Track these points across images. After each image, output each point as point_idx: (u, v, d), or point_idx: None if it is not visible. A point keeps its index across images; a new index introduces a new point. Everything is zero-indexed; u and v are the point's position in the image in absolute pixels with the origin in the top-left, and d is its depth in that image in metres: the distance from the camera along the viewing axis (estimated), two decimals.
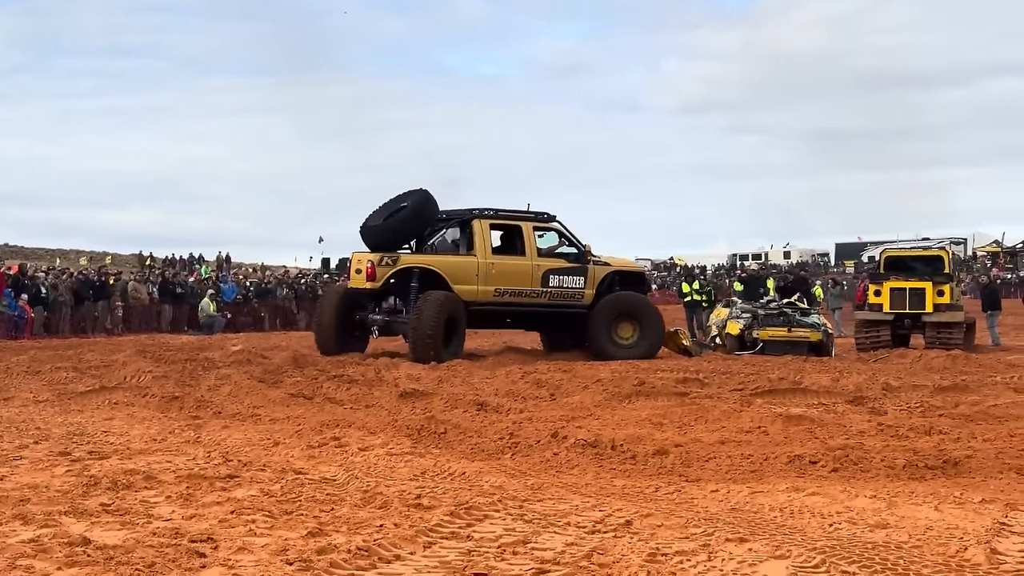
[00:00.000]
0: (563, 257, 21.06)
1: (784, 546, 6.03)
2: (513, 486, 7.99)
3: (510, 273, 20.52)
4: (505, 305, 20.71)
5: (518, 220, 20.91)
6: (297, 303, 37.57)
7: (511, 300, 20.65)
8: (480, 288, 20.26)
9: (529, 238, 20.75)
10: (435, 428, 10.83)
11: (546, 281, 20.64)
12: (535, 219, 21.09)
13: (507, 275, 20.48)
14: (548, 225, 21.26)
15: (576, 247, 21.17)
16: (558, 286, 20.74)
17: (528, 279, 20.57)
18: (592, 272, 21.01)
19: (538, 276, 20.62)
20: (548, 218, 21.27)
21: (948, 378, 15.34)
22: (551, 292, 20.73)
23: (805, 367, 17.27)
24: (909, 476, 8.39)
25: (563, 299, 20.89)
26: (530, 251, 20.73)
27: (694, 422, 11.17)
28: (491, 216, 20.82)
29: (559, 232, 21.33)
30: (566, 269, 20.83)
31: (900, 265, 24.71)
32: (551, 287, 20.70)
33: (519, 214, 21.05)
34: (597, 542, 6.14)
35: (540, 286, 20.64)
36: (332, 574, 5.42)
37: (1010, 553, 5.90)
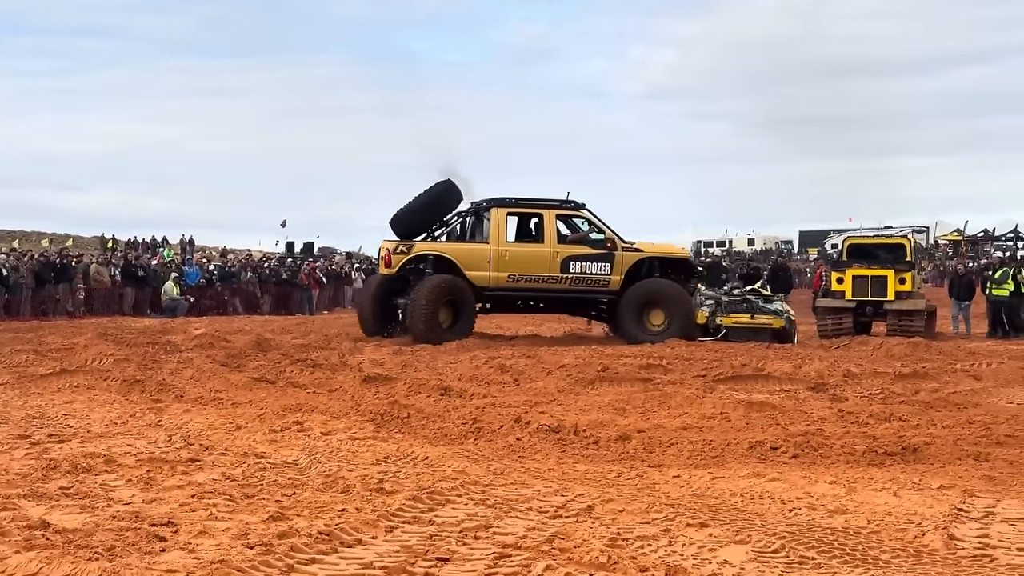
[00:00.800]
0: (589, 244, 21.36)
1: (744, 531, 6.07)
2: (476, 471, 8.00)
3: (526, 259, 21.13)
4: (520, 290, 21.35)
5: (540, 208, 21.47)
6: (261, 287, 37.39)
7: (526, 286, 21.25)
8: (492, 274, 21.00)
9: (549, 225, 21.29)
10: (398, 413, 10.82)
11: (566, 267, 21.13)
12: (560, 207, 21.58)
13: (522, 261, 21.11)
14: (574, 213, 21.71)
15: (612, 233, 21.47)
16: (579, 272, 21.18)
17: (546, 265, 21.11)
18: (620, 258, 21.30)
19: (557, 262, 21.12)
20: (575, 206, 21.72)
21: (909, 365, 15.45)
22: (572, 278, 21.18)
23: (768, 354, 17.34)
24: (869, 462, 8.46)
25: (586, 285, 21.33)
26: (549, 238, 21.24)
27: (657, 408, 11.21)
28: (510, 204, 21.48)
29: (587, 220, 21.68)
30: (589, 256, 21.23)
31: (863, 253, 24.85)
32: (572, 273, 21.16)
33: (542, 202, 21.60)
34: (559, 527, 6.16)
35: (559, 272, 21.13)
36: (293, 558, 5.40)
37: (967, 539, 5.96)
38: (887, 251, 24.90)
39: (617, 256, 21.28)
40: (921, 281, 25.95)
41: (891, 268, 23.34)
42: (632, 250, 21.51)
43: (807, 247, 77.48)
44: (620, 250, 21.33)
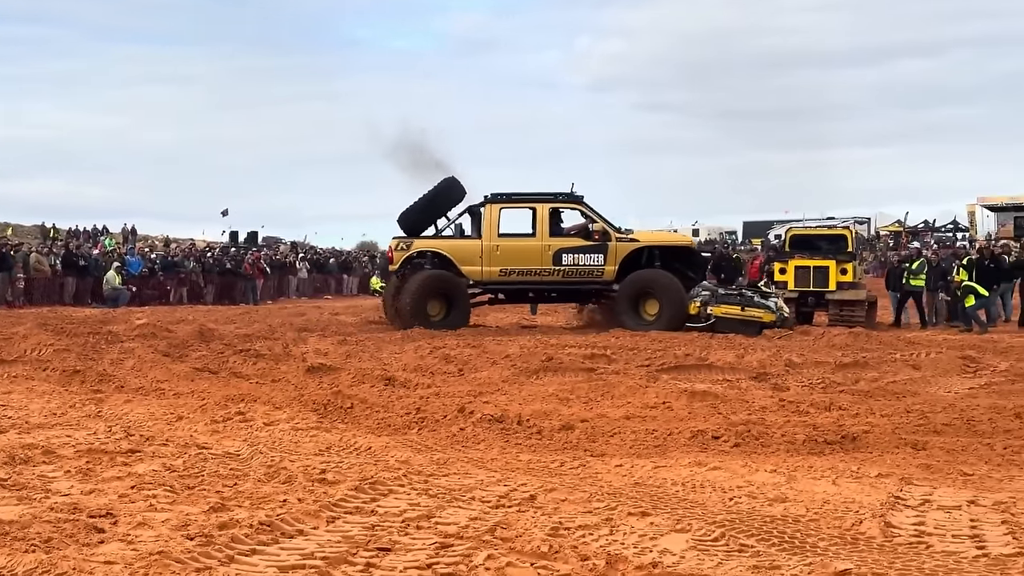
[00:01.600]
0: (581, 236, 21.77)
1: (685, 520, 6.11)
2: (419, 461, 7.99)
3: (518, 253, 21.78)
4: (513, 283, 22.10)
5: (533, 203, 22.02)
6: (204, 276, 37.08)
7: (519, 279, 21.93)
8: (485, 268, 21.80)
9: (542, 219, 21.77)
10: (342, 403, 10.79)
11: (559, 260, 21.66)
12: (554, 200, 22.01)
13: (514, 255, 21.77)
14: (569, 206, 22.15)
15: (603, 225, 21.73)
16: (572, 264, 21.67)
17: (538, 258, 21.70)
18: (613, 249, 21.62)
19: (549, 255, 21.67)
20: (571, 199, 22.12)
21: (849, 355, 15.59)
22: (565, 270, 21.68)
23: (711, 343, 17.44)
24: (809, 451, 8.54)
25: (580, 276, 21.78)
26: (541, 232, 21.76)
27: (600, 397, 11.26)
28: (503, 200, 22.08)
29: (582, 213, 22.05)
30: (582, 247, 21.69)
31: (805, 244, 25.02)
32: (564, 265, 21.67)
33: (536, 196, 22.11)
34: (501, 516, 6.17)
35: (552, 264, 21.68)
36: (233, 549, 5.38)
37: (904, 526, 6.04)
38: (829, 242, 25.07)
39: (611, 247, 21.61)
40: (862, 272, 26.21)
41: (833, 259, 23.54)
42: (627, 240, 21.82)
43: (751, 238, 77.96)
44: (614, 241, 21.65)
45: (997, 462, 8.13)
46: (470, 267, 21.81)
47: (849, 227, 25.78)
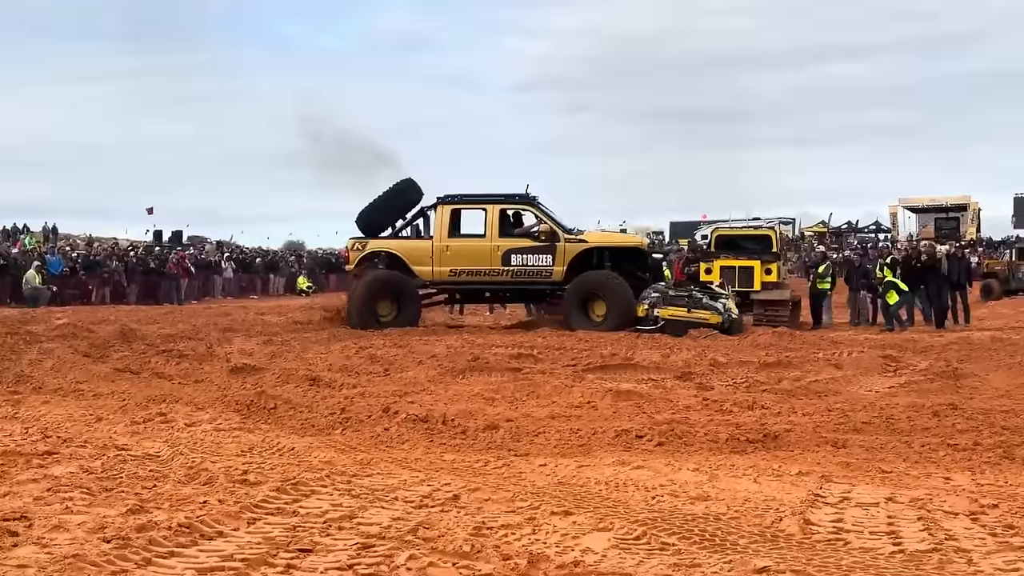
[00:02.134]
0: (530, 237, 21.88)
1: (607, 519, 6.14)
2: (342, 461, 7.96)
3: (468, 254, 21.94)
4: (464, 284, 22.31)
5: (484, 204, 22.18)
6: (128, 276, 36.61)
7: (469, 279, 22.09)
8: (436, 269, 21.97)
9: (492, 220, 21.91)
10: (265, 403, 10.72)
11: (507, 260, 21.79)
12: (504, 201, 22.19)
13: (464, 256, 21.93)
14: (519, 206, 22.30)
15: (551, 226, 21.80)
16: (522, 264, 21.78)
17: (487, 259, 21.85)
18: (562, 250, 21.71)
19: (498, 256, 21.80)
20: (521, 199, 22.30)
21: (773, 354, 15.74)
22: (514, 270, 21.82)
23: (638, 343, 17.54)
24: (731, 449, 8.63)
25: (529, 276, 21.87)
26: (491, 232, 21.91)
27: (526, 397, 11.29)
28: (453, 201, 22.31)
29: (534, 213, 22.14)
30: (531, 248, 21.79)
31: (731, 244, 25.25)
32: (513, 266, 21.79)
33: (487, 197, 22.27)
34: (424, 516, 6.15)
35: (501, 265, 21.82)
36: (151, 552, 5.31)
37: (823, 523, 6.11)
38: (754, 242, 25.32)
39: (559, 247, 21.70)
40: (787, 272, 26.51)
41: (758, 259, 23.79)
42: (576, 241, 21.90)
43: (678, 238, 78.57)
44: (562, 241, 21.73)
45: (915, 459, 8.27)
46: (421, 267, 21.99)
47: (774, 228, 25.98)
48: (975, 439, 8.91)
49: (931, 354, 15.80)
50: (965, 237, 66.08)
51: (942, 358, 15.07)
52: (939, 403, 10.48)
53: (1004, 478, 7.51)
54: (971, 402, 10.69)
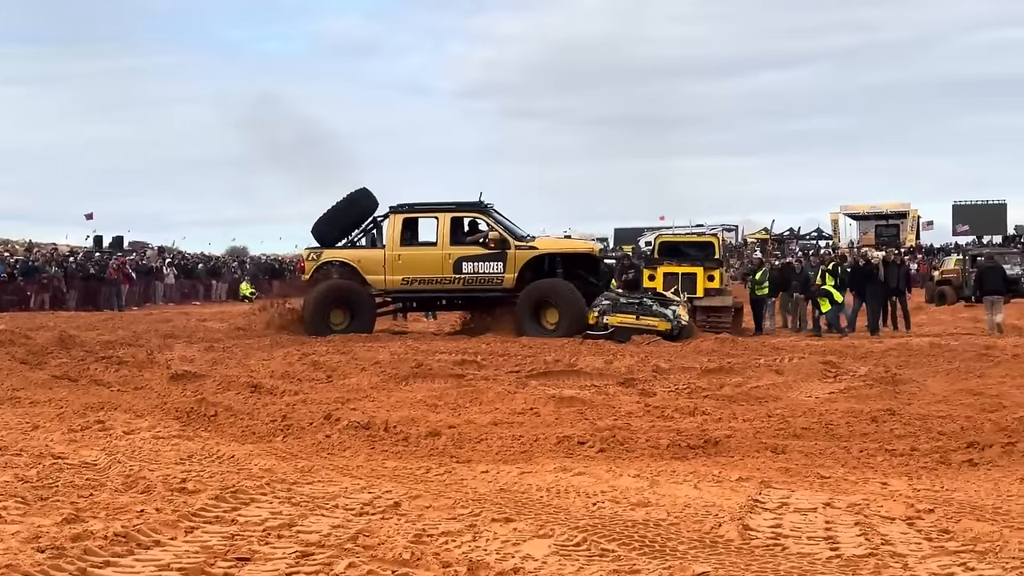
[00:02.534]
0: (482, 244, 21.87)
1: (548, 525, 6.14)
2: (283, 469, 7.91)
3: (418, 262, 22.02)
4: (416, 292, 22.41)
5: (435, 212, 22.30)
6: (67, 281, 36.17)
7: (421, 287, 22.21)
8: (388, 278, 22.09)
9: (443, 229, 22.02)
10: (205, 410, 10.63)
11: (459, 268, 21.86)
12: (455, 209, 22.27)
13: (415, 264, 22.03)
14: (471, 214, 22.37)
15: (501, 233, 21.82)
16: (473, 272, 21.84)
17: (439, 267, 21.91)
18: (512, 257, 21.73)
19: (449, 264, 21.88)
20: (472, 207, 22.37)
21: (715, 360, 15.84)
22: (465, 278, 21.89)
23: (581, 349, 17.59)
24: (672, 455, 8.66)
25: (479, 284, 21.92)
26: (442, 241, 21.99)
27: (469, 404, 11.27)
28: (405, 210, 22.41)
29: (484, 221, 22.18)
30: (481, 256, 21.83)
31: (674, 251, 25.40)
32: (464, 273, 21.86)
33: (437, 206, 22.43)
34: (364, 524, 6.13)
35: (453, 273, 21.89)
36: (86, 561, 5.24)
37: (761, 529, 6.16)
38: (697, 249, 25.50)
39: (510, 255, 21.73)
40: (729, 278, 26.67)
41: (700, 266, 23.94)
42: (526, 248, 21.93)
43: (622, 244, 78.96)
44: (513, 248, 21.74)
45: (853, 465, 8.35)
46: (374, 276, 22.08)
47: (717, 234, 26.24)
48: (912, 444, 9.01)
49: (870, 360, 15.96)
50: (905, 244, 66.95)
51: (881, 364, 15.25)
52: (877, 409, 10.58)
53: (940, 483, 7.60)
54: (909, 408, 10.80)
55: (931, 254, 64.78)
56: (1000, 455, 8.55)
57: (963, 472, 8.07)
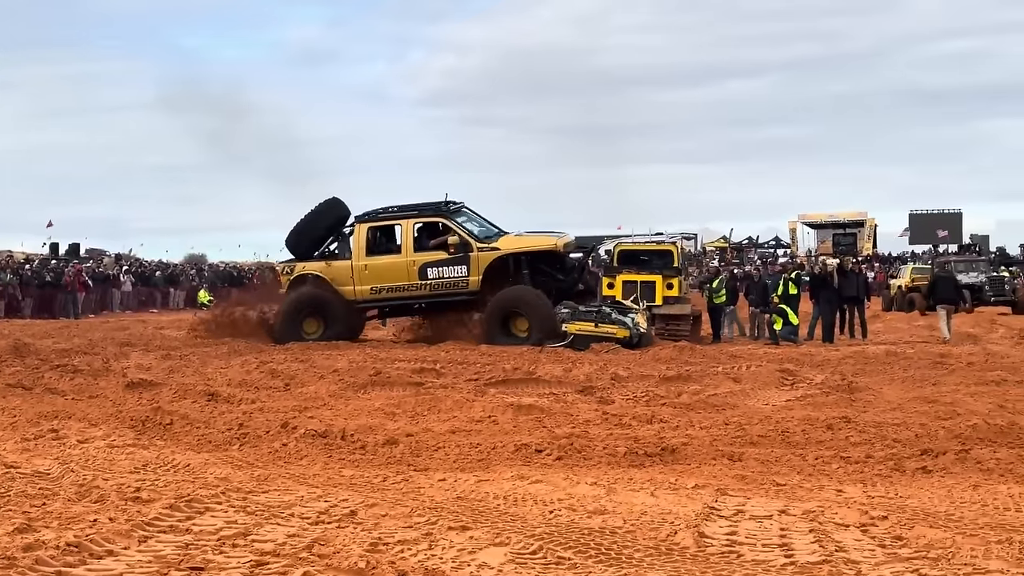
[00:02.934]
0: (445, 248, 21.66)
1: (504, 533, 6.14)
2: (239, 477, 7.88)
3: (385, 271, 21.83)
4: (386, 300, 22.37)
5: (397, 219, 22.20)
6: (22, 289, 35.80)
7: (390, 296, 22.10)
8: (357, 288, 21.90)
9: (406, 235, 21.92)
10: (161, 419, 10.56)
11: (424, 274, 21.67)
12: (418, 215, 22.13)
13: (383, 273, 21.84)
14: (432, 218, 22.15)
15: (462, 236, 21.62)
16: (438, 277, 21.64)
17: (405, 274, 21.71)
18: (475, 259, 21.52)
19: (415, 270, 21.67)
20: (434, 211, 22.17)
21: (674, 368, 15.89)
22: (431, 284, 21.68)
23: (540, 357, 17.60)
24: (629, 463, 8.69)
25: (446, 289, 21.70)
26: (406, 248, 21.88)
27: (427, 412, 11.26)
28: (369, 219, 22.27)
29: (446, 224, 21.95)
30: (445, 260, 21.60)
31: (632, 259, 25.43)
32: (431, 279, 21.66)
33: (401, 212, 22.26)
34: (320, 533, 6.11)
35: (419, 279, 21.69)
36: (37, 571, 5.20)
37: (716, 536, 6.18)
38: (656, 257, 25.52)
39: (473, 257, 21.52)
40: (688, 286, 26.75)
41: (659, 274, 23.98)
42: (489, 249, 21.67)
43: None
44: (475, 251, 21.52)
45: (808, 472, 8.41)
46: (345, 287, 21.90)
47: (676, 242, 26.22)
48: (867, 452, 9.08)
49: (827, 368, 16.08)
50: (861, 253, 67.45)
51: (838, 372, 15.35)
52: (833, 416, 10.65)
53: (894, 490, 7.67)
54: (864, 415, 10.88)
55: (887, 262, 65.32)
56: (953, 462, 8.63)
57: (917, 479, 8.15)
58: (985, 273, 38.11)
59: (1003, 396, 12.52)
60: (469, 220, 22.48)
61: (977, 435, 9.71)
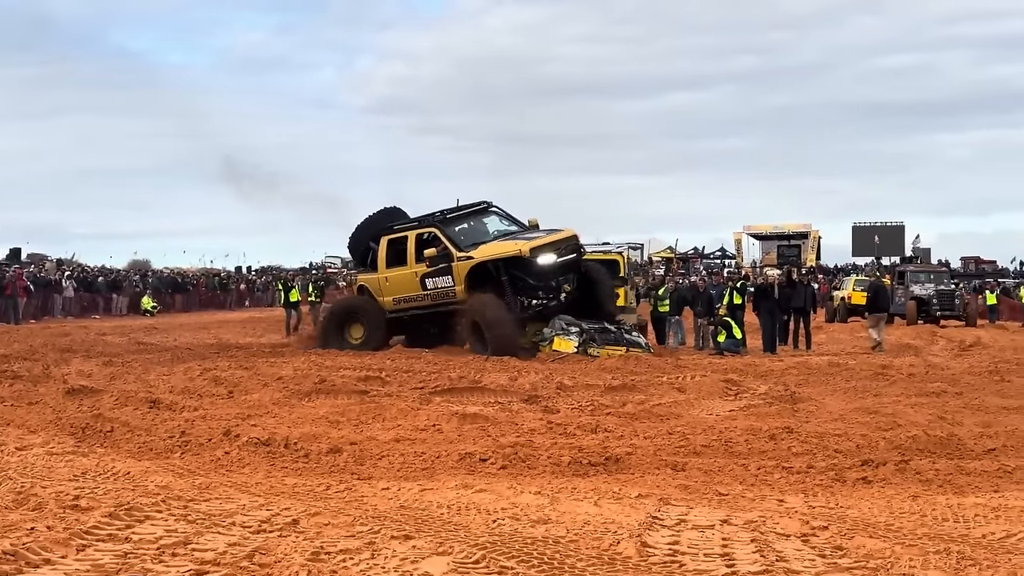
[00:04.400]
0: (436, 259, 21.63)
1: (447, 543, 6.13)
2: (180, 486, 7.81)
3: (399, 283, 22.16)
4: (405, 311, 22.35)
5: (406, 231, 22.39)
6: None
7: (407, 307, 22.24)
8: (385, 299, 22.38)
9: (411, 247, 21.98)
10: (102, 426, 10.46)
11: (424, 285, 21.79)
12: (419, 226, 22.28)
13: (398, 285, 22.19)
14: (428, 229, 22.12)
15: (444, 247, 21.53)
16: (434, 288, 21.73)
17: (412, 286, 21.96)
18: (457, 268, 21.41)
19: (417, 282, 21.87)
20: (429, 221, 22.27)
21: (619, 378, 15.92)
22: (431, 294, 21.84)
23: (486, 366, 17.58)
24: (573, 473, 8.70)
25: (442, 299, 21.71)
26: (411, 259, 21.96)
27: (371, 420, 11.22)
28: (390, 231, 22.59)
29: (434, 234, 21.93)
30: (436, 271, 21.61)
31: None
32: (429, 290, 21.78)
33: (408, 225, 22.58)
34: (261, 542, 6.06)
35: (421, 290, 21.91)
36: None
37: (659, 546, 6.20)
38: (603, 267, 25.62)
39: (455, 267, 21.44)
40: (634, 296, 26.87)
41: None
42: (466, 258, 21.47)
43: None
44: (456, 260, 21.41)
45: (751, 482, 8.46)
46: (380, 298, 22.37)
47: (622, 252, 26.33)
48: (809, 462, 9.15)
49: (771, 378, 16.18)
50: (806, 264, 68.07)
51: (781, 382, 15.45)
52: (776, 426, 10.73)
53: (835, 500, 7.73)
54: (806, 426, 10.97)
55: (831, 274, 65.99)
56: (893, 473, 8.72)
57: (857, 489, 8.22)
58: (935, 285, 37.76)
59: (943, 407, 12.67)
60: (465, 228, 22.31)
61: (917, 446, 9.83)
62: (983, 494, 7.97)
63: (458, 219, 22.43)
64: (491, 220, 22.77)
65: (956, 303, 36.79)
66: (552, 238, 21.74)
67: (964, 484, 8.40)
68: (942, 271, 43.55)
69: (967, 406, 12.91)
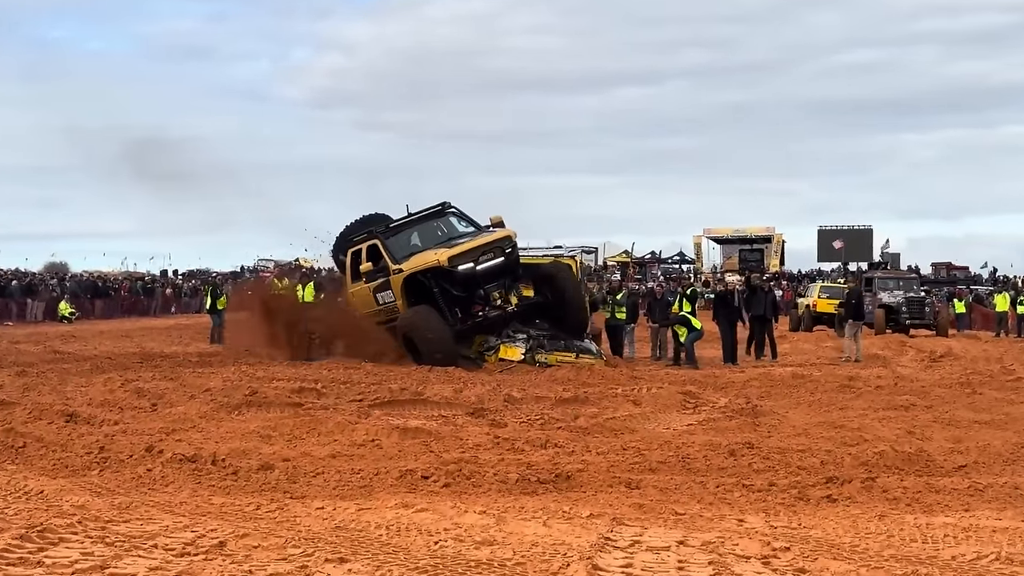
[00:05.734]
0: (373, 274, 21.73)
1: (386, 566, 6.11)
2: (97, 505, 7.73)
3: (361, 298, 22.24)
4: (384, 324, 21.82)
5: (359, 244, 22.34)
6: None
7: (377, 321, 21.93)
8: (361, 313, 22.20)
9: (361, 259, 21.90)
10: (13, 441, 10.36)
11: (377, 300, 21.79)
12: (367, 238, 22.15)
13: (360, 300, 22.29)
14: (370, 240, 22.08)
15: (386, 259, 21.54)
16: (384, 302, 21.73)
17: (370, 301, 22.00)
18: (392, 282, 21.43)
19: (372, 297, 21.94)
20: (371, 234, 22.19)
21: (571, 390, 15.94)
22: (383, 309, 21.76)
23: (429, 377, 17.56)
24: (521, 491, 8.71)
25: (391, 314, 21.60)
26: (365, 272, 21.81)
27: (306, 435, 11.18)
28: (349, 244, 22.71)
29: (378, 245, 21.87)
30: (378, 285, 21.67)
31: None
32: (381, 305, 21.75)
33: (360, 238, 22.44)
34: (185, 565, 6.01)
35: (376, 305, 21.92)
36: None
37: (611, 568, 6.21)
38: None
39: (392, 280, 21.45)
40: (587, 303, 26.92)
41: None
42: (397, 271, 21.38)
43: None
44: (392, 273, 21.37)
45: (709, 500, 8.50)
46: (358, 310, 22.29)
47: (575, 257, 26.43)
48: (770, 479, 9.22)
49: (731, 391, 16.29)
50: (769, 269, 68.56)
51: (742, 395, 15.55)
52: (736, 442, 10.80)
53: (798, 520, 7.79)
54: (768, 441, 11.05)
55: (796, 280, 66.49)
56: (859, 491, 8.80)
57: (821, 508, 8.29)
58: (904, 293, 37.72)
59: (911, 421, 12.81)
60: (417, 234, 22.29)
61: (884, 462, 9.93)
62: (953, 513, 8.07)
63: (406, 227, 22.35)
64: (449, 222, 22.62)
65: (927, 311, 36.90)
66: (474, 243, 21.47)
67: (933, 503, 8.50)
68: (912, 277, 43.95)
69: (937, 420, 13.06)
